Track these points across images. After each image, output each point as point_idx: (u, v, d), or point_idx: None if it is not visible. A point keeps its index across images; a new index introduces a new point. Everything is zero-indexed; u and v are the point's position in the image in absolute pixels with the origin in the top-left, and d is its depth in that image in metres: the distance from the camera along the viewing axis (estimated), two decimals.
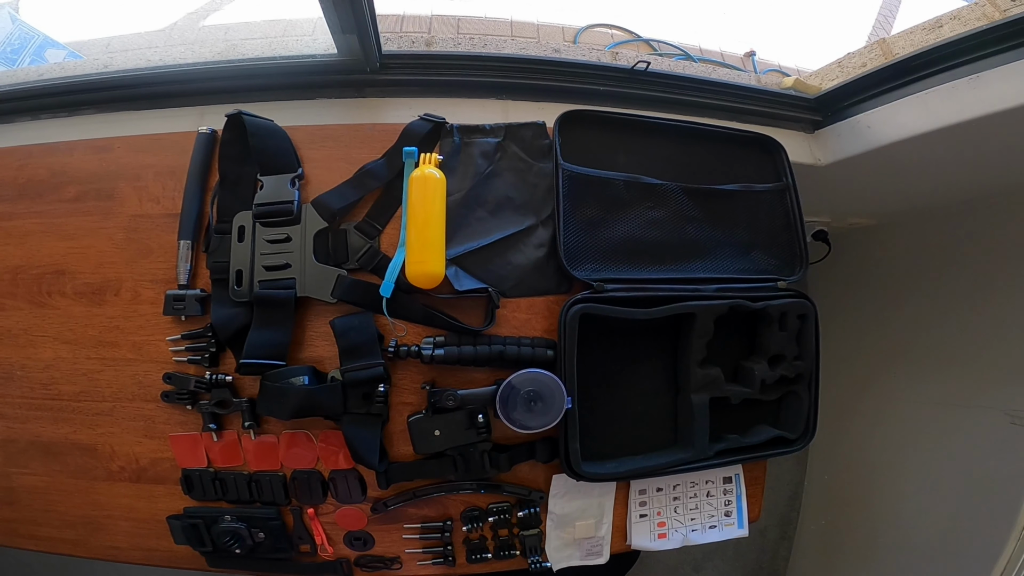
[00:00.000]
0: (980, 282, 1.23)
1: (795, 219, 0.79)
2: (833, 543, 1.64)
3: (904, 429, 1.41)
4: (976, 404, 1.21)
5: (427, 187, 0.68)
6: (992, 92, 0.71)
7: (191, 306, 0.68)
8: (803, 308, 0.76)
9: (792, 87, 0.98)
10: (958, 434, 1.24)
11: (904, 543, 1.33)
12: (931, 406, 1.34)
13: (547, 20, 1.60)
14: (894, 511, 1.39)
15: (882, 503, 1.44)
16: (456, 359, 0.67)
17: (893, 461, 1.43)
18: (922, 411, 1.36)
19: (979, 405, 1.20)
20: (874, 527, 1.45)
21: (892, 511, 1.40)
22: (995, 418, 1.14)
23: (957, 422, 1.25)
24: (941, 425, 1.30)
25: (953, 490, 1.23)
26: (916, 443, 1.37)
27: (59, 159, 0.72)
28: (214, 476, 0.71)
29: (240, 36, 0.86)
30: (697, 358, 0.74)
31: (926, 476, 1.32)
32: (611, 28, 1.66)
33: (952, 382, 1.28)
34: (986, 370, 1.19)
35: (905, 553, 1.32)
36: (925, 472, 1.32)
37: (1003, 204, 1.13)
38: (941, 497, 1.26)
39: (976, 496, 1.16)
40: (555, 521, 0.77)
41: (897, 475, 1.41)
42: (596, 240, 0.73)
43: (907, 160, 0.92)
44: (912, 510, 1.34)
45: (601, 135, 0.78)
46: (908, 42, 0.79)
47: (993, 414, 1.15)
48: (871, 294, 1.58)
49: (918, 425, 1.37)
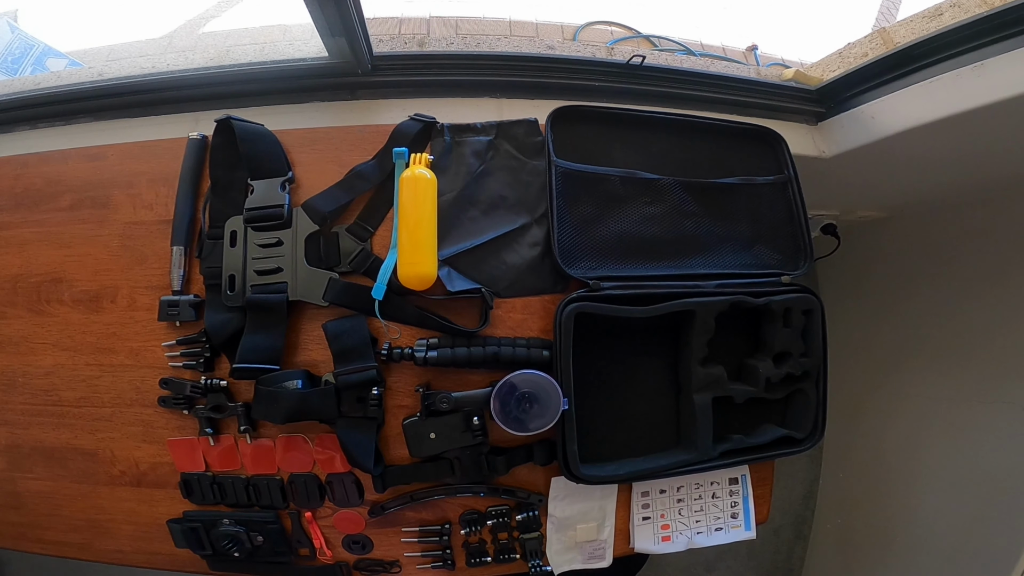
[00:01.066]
0: (991, 274, 1.20)
1: (798, 212, 0.77)
2: (849, 543, 1.61)
3: (918, 426, 1.38)
4: (992, 399, 1.18)
5: (418, 187, 0.67)
6: (997, 80, 0.69)
7: (185, 312, 0.68)
8: (808, 303, 0.74)
9: (793, 79, 0.96)
10: (974, 430, 1.21)
11: (922, 543, 1.31)
12: (945, 402, 1.31)
13: (546, 19, 1.60)
14: (911, 510, 1.36)
15: (898, 502, 1.41)
16: (450, 361, 0.66)
17: (908, 459, 1.40)
18: (937, 407, 1.33)
19: (995, 400, 1.17)
20: (891, 526, 1.42)
21: (909, 510, 1.37)
22: (1012, 413, 1.12)
23: (973, 418, 1.22)
24: (956, 421, 1.27)
25: (971, 488, 1.20)
26: (931, 440, 1.34)
27: (54, 168, 0.72)
28: (212, 480, 0.71)
29: (238, 42, 0.86)
30: (698, 357, 0.72)
31: (943, 474, 1.29)
32: (611, 25, 1.65)
33: (966, 376, 1.25)
34: (1000, 363, 1.16)
35: (923, 553, 1.29)
36: (941, 470, 1.29)
37: (1015, 194, 1.09)
38: (959, 496, 1.23)
39: (995, 495, 1.13)
40: (555, 524, 0.76)
41: (912, 473, 1.38)
42: (592, 237, 0.72)
43: (913, 151, 0.89)
44: (929, 509, 1.31)
45: (595, 131, 0.76)
46: (909, 31, 0.77)
47: (1010, 409, 1.13)
48: (881, 288, 1.55)
49: (932, 421, 1.34)
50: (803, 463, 1.84)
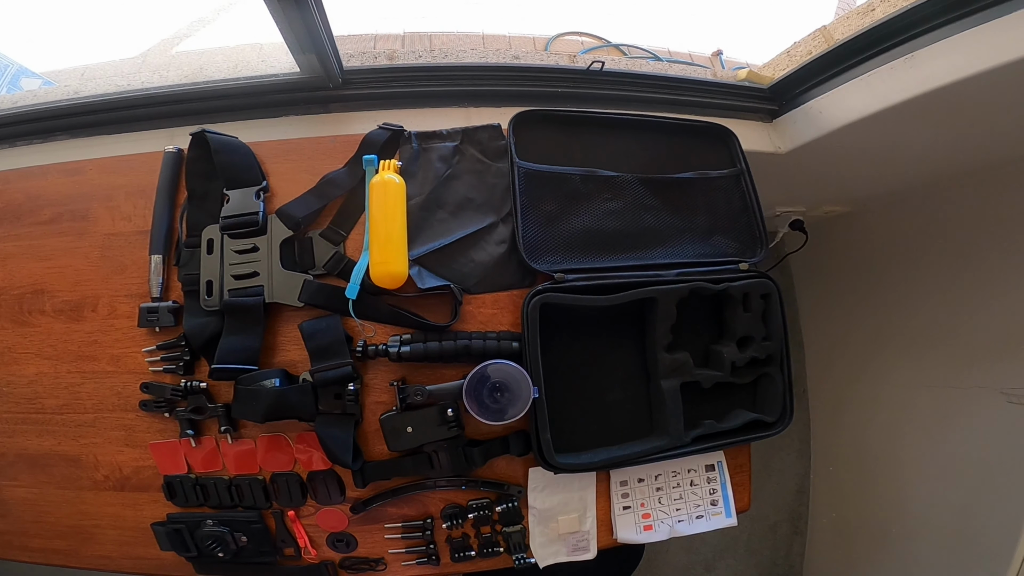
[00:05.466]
0: (952, 263, 1.24)
1: (752, 202, 0.81)
2: (847, 536, 1.63)
3: (899, 415, 1.41)
4: (967, 385, 1.21)
5: (387, 192, 0.70)
6: (926, 71, 0.74)
7: (164, 317, 0.70)
8: (765, 287, 0.77)
9: (747, 79, 1.01)
10: (957, 418, 1.23)
11: (916, 532, 1.32)
12: (925, 388, 1.33)
13: (518, 32, 1.65)
14: (901, 499, 1.38)
15: (888, 492, 1.43)
16: (423, 355, 0.69)
17: (894, 449, 1.42)
18: (914, 396, 1.36)
19: (971, 385, 1.20)
20: (884, 517, 1.43)
21: (899, 499, 1.38)
22: (991, 399, 1.14)
23: (950, 404, 1.24)
24: (934, 409, 1.29)
25: (957, 475, 1.22)
26: (912, 429, 1.36)
27: (34, 183, 0.75)
28: (195, 482, 0.72)
29: (211, 60, 0.89)
30: (663, 343, 0.75)
31: (927, 462, 1.31)
32: (581, 36, 1.70)
33: (943, 362, 1.28)
34: (975, 348, 1.19)
35: (919, 541, 1.31)
36: (925, 458, 1.31)
37: (968, 182, 1.14)
38: (946, 483, 1.25)
39: (982, 480, 1.15)
40: (537, 516, 0.77)
41: (898, 463, 1.41)
42: (555, 233, 0.75)
43: (861, 143, 0.94)
44: (919, 497, 1.33)
45: (556, 133, 0.80)
46: (846, 27, 0.82)
47: (989, 394, 1.15)
48: (854, 281, 1.59)
49: (911, 411, 1.37)
50: (792, 458, 1.86)
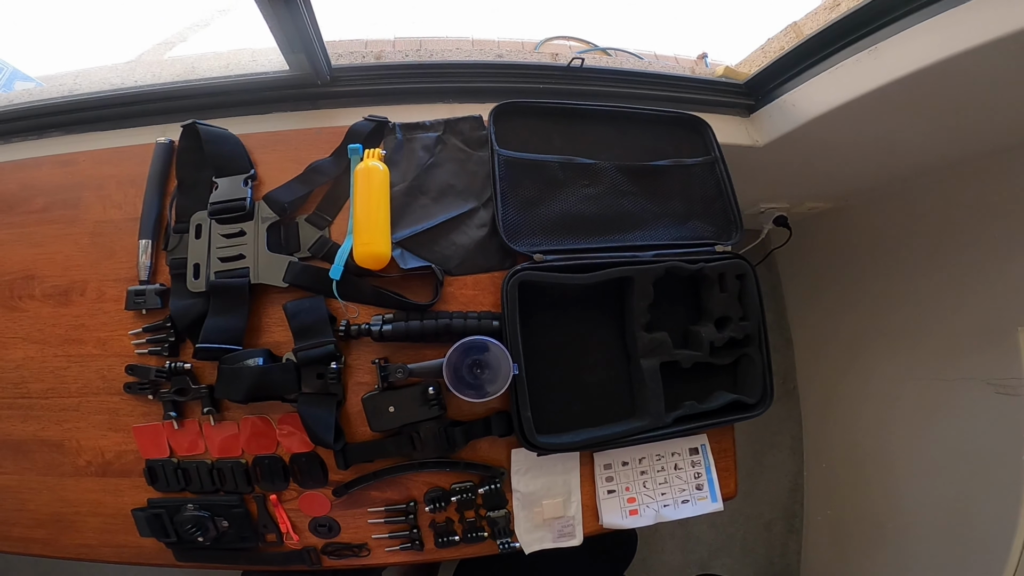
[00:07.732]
0: (932, 256, 1.26)
1: (726, 188, 0.84)
2: (842, 533, 1.61)
3: (891, 409, 1.41)
4: (952, 377, 1.22)
5: (371, 178, 0.73)
6: (888, 61, 0.77)
7: (151, 299, 0.72)
8: (740, 268, 0.79)
9: (724, 75, 1.05)
10: (945, 409, 1.24)
11: (911, 527, 1.31)
12: (912, 381, 1.33)
13: (508, 36, 1.69)
14: (894, 494, 1.37)
15: (880, 487, 1.43)
16: (404, 333, 0.70)
17: (885, 443, 1.42)
18: (905, 388, 1.36)
19: (956, 377, 1.21)
20: (878, 512, 1.42)
21: (892, 495, 1.38)
22: (978, 389, 1.14)
23: (942, 397, 1.25)
24: (926, 402, 1.30)
25: (951, 468, 1.21)
26: (904, 423, 1.36)
27: (28, 174, 0.77)
28: (176, 466, 0.72)
29: (204, 63, 0.93)
30: (641, 322, 0.76)
31: (921, 456, 1.31)
32: (569, 40, 1.73)
33: (930, 355, 1.29)
34: (960, 339, 1.20)
35: (915, 537, 1.30)
36: (919, 452, 1.31)
37: (946, 175, 1.17)
38: (940, 476, 1.24)
39: (976, 471, 1.15)
40: (521, 500, 0.77)
41: (889, 457, 1.40)
42: (534, 217, 0.77)
43: (832, 135, 0.97)
44: (911, 492, 1.32)
45: (536, 124, 0.83)
46: (815, 22, 0.86)
47: (973, 385, 1.16)
48: (839, 277, 1.61)
49: (903, 404, 1.37)
50: (784, 455, 1.85)
